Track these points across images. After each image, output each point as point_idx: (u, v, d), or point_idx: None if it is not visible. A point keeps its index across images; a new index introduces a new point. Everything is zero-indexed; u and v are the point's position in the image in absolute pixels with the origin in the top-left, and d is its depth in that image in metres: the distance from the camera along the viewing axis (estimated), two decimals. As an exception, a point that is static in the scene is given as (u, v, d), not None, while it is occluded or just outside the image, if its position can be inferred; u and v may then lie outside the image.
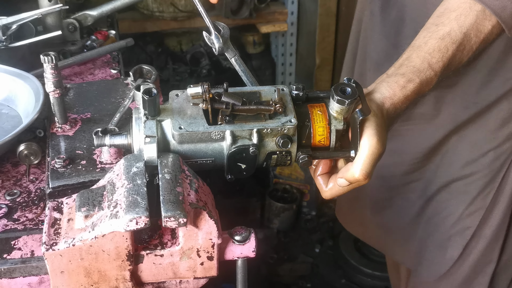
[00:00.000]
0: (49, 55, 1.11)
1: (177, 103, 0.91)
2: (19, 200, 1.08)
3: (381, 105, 0.98)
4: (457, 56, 1.07)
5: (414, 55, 1.05)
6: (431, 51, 1.05)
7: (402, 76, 1.01)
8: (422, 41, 1.07)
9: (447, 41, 1.05)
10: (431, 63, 1.04)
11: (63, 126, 1.18)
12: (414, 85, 1.01)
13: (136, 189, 0.80)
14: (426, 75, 1.03)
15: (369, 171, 0.92)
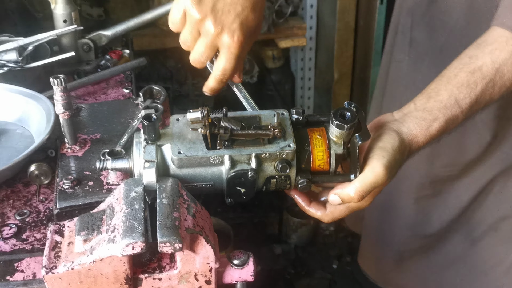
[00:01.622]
0: (59, 78, 1.13)
1: (177, 128, 0.93)
2: (28, 220, 1.10)
3: (407, 143, 0.98)
4: (487, 92, 1.03)
5: (442, 88, 1.03)
6: (459, 85, 1.02)
7: (429, 113, 1.00)
8: (453, 72, 1.04)
9: (477, 76, 1.02)
10: (458, 99, 1.01)
11: (73, 147, 1.21)
12: (439, 124, 1.00)
13: (133, 214, 0.81)
14: (452, 112, 1.00)
15: (364, 194, 0.93)
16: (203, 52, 1.06)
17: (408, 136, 0.98)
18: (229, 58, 1.05)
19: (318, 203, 1.02)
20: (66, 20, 1.56)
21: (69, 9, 1.57)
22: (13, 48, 1.45)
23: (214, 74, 1.09)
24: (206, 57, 1.07)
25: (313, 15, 2.94)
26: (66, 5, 1.56)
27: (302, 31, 2.96)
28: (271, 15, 2.78)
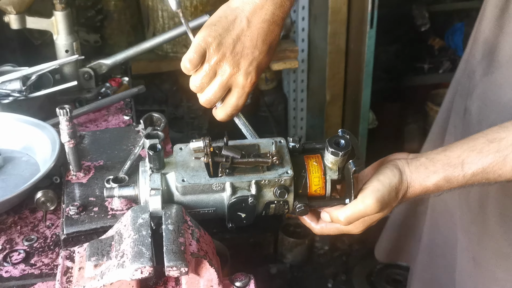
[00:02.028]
0: (64, 108, 1.18)
1: (181, 157, 0.98)
2: (36, 246, 1.15)
3: (405, 184, 1.00)
4: (496, 167, 0.98)
5: (458, 146, 1.01)
6: (472, 149, 0.99)
7: (432, 164, 1.00)
8: (477, 135, 1.02)
9: (492, 147, 0.98)
10: (465, 162, 0.99)
11: (77, 174, 1.26)
12: (437, 179, 0.99)
13: (141, 240, 0.86)
14: (453, 172, 0.99)
15: (352, 220, 0.99)
16: (217, 92, 1.09)
17: (407, 178, 1.00)
18: (242, 96, 1.12)
19: (313, 213, 1.06)
20: (68, 50, 1.62)
21: (71, 40, 1.62)
22: (17, 78, 1.50)
23: (225, 109, 1.13)
24: (219, 97, 1.11)
25: (304, 38, 3.01)
26: (68, 35, 1.62)
27: (294, 54, 3.02)
28: (264, 39, 2.85)
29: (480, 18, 1.38)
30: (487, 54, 1.32)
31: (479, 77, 1.34)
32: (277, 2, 1.08)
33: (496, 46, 1.29)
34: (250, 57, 1.07)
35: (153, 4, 2.72)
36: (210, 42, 1.05)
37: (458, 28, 3.35)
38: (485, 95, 1.31)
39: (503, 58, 1.27)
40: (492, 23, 1.29)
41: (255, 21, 1.07)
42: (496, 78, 1.29)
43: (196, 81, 1.09)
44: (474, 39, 1.41)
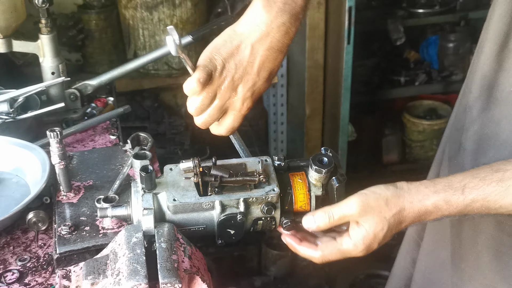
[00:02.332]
0: (55, 131, 1.22)
1: (171, 177, 1.02)
2: (29, 265, 1.18)
3: (401, 200, 1.00)
4: (497, 197, 0.97)
5: (462, 173, 1.01)
6: (475, 176, 0.99)
7: (434, 185, 1.00)
8: (482, 166, 1.01)
9: (496, 176, 0.98)
10: (466, 187, 0.98)
11: (68, 194, 1.29)
12: (437, 199, 0.99)
13: (136, 258, 0.90)
14: (453, 195, 0.98)
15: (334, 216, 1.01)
16: (214, 115, 1.11)
17: (405, 194, 1.00)
18: (237, 119, 1.13)
19: (309, 242, 1.07)
20: (54, 72, 1.65)
21: (57, 62, 1.66)
22: (4, 100, 1.53)
23: (220, 129, 1.15)
24: (215, 119, 1.12)
25: (283, 54, 3.07)
26: (54, 58, 1.65)
27: (273, 69, 3.08)
28: (244, 55, 2.90)
29: (477, 54, 1.35)
30: (485, 90, 1.29)
31: (476, 113, 1.31)
32: (283, 30, 1.08)
33: (494, 82, 1.27)
34: (250, 83, 1.08)
35: (134, 23, 2.76)
36: (215, 66, 1.06)
37: (432, 41, 3.45)
38: (483, 131, 1.28)
39: (501, 95, 1.25)
40: (491, 59, 1.27)
41: (260, 49, 1.07)
42: (494, 115, 1.26)
43: (196, 104, 1.09)
44: (471, 74, 1.38)
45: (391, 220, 1.01)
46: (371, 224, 1.01)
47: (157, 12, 2.72)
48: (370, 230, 1.01)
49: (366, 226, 1.01)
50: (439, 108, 3.57)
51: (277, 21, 1.07)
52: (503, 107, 1.25)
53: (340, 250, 1.04)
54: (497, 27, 1.24)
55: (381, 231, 1.01)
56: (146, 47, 2.80)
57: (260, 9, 1.07)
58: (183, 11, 2.75)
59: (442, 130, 3.41)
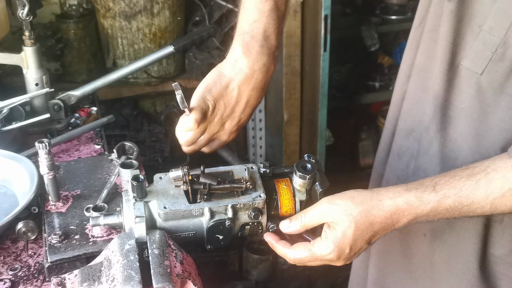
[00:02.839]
0: (43, 142, 1.24)
1: (161, 185, 1.06)
2: (20, 274, 1.20)
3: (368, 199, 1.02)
4: (468, 190, 0.99)
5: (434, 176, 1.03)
6: (446, 174, 1.01)
7: (405, 185, 1.02)
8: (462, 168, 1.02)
9: (466, 172, 0.99)
10: (437, 184, 1.00)
11: (57, 203, 1.31)
12: (408, 196, 1.00)
13: (130, 265, 0.93)
14: (424, 191, 1.00)
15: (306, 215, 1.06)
16: (202, 145, 1.28)
17: (375, 194, 1.02)
18: (222, 145, 1.31)
19: (286, 242, 1.11)
20: (38, 84, 1.67)
21: (40, 73, 1.68)
22: (-12, 112, 1.55)
23: (206, 151, 1.31)
24: (202, 147, 1.29)
25: (261, 61, 3.12)
26: (38, 69, 1.67)
27: (251, 76, 3.13)
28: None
29: (423, 77, 1.37)
30: (439, 110, 1.30)
31: (433, 133, 1.31)
32: (264, 70, 1.22)
33: (446, 101, 1.28)
34: (236, 120, 1.25)
35: (113, 32, 2.78)
36: (208, 106, 1.19)
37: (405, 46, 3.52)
38: (442, 151, 1.29)
39: (454, 113, 1.27)
40: (441, 78, 1.28)
41: (245, 90, 1.22)
42: (450, 133, 1.28)
43: (188, 137, 1.23)
44: (420, 99, 1.38)
45: (358, 217, 1.00)
46: (339, 223, 1.02)
47: (135, 21, 2.75)
48: (339, 229, 1.02)
49: (336, 226, 1.03)
50: (413, 112, 3.65)
51: (258, 63, 1.22)
52: (458, 125, 1.26)
53: (311, 251, 1.06)
54: (443, 45, 1.25)
55: (349, 229, 1.01)
56: (125, 56, 2.83)
57: (240, 55, 1.22)
58: (161, 20, 2.78)
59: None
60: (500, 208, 0.98)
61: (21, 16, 1.58)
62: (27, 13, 1.57)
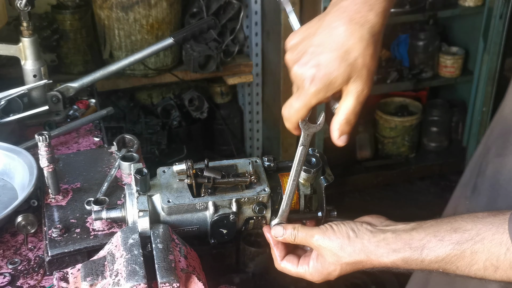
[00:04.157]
0: (43, 135, 1.23)
1: (165, 179, 1.04)
2: (20, 268, 1.18)
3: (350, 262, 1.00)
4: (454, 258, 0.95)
5: (427, 226, 0.98)
6: (436, 235, 0.96)
7: (395, 242, 0.98)
8: (447, 219, 0.98)
9: (454, 237, 0.94)
10: (425, 247, 0.96)
11: (56, 196, 1.30)
12: (395, 258, 0.98)
13: (134, 259, 0.92)
14: (412, 255, 0.97)
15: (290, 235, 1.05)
16: None
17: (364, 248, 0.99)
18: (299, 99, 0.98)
19: (283, 247, 1.08)
20: (36, 75, 1.65)
21: (38, 65, 1.66)
22: (-14, 104, 1.53)
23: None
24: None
25: (258, 53, 3.11)
26: (35, 61, 1.65)
27: (248, 68, 3.12)
28: (219, 55, 2.93)
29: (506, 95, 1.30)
30: (503, 134, 1.24)
31: (492, 156, 1.25)
32: None
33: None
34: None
35: (109, 23, 2.76)
36: None
37: (402, 39, 3.52)
38: (495, 177, 1.23)
39: None
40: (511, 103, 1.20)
41: None
42: (507, 162, 1.20)
43: None
44: (498, 114, 1.32)
45: (347, 268, 1.02)
46: (327, 263, 1.02)
47: (132, 12, 2.73)
48: (325, 267, 1.02)
49: (323, 262, 1.02)
50: (410, 105, 3.66)
51: None
52: None
53: (296, 271, 1.07)
54: None
55: (334, 272, 1.03)
56: (122, 47, 2.80)
57: None
58: (158, 11, 2.76)
59: (413, 126, 3.52)
60: (488, 279, 0.95)
61: (19, 6, 1.56)
62: (25, 3, 1.55)
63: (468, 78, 3.45)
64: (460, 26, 3.54)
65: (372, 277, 2.93)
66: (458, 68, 3.43)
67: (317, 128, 0.98)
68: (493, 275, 0.93)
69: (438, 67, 3.48)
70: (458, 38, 3.56)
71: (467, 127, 3.58)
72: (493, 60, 3.23)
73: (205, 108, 3.26)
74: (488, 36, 3.20)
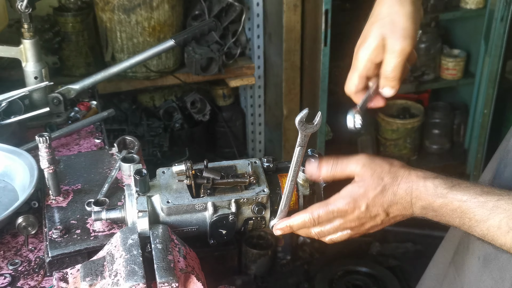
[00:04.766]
0: (44, 136, 1.23)
1: (164, 180, 1.05)
2: (21, 269, 1.19)
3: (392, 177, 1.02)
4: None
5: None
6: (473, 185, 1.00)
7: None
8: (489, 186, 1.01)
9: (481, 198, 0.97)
10: (456, 185, 1.00)
11: (57, 198, 1.30)
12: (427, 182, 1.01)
13: (133, 259, 0.92)
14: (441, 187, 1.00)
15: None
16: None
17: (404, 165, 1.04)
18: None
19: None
20: (37, 77, 1.66)
21: (39, 66, 1.66)
22: (-13, 106, 1.53)
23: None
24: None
25: (260, 55, 3.12)
26: (36, 62, 1.66)
27: (251, 71, 3.12)
28: (221, 57, 2.94)
29: None
30: None
31: (510, 158, 1.25)
32: None
33: None
34: None
35: (111, 26, 2.77)
36: None
37: (404, 41, 3.52)
38: None
39: None
40: None
41: None
42: None
43: None
44: None
45: (386, 182, 1.02)
46: (365, 180, 1.02)
47: (134, 15, 2.73)
48: (362, 185, 1.02)
49: (360, 183, 1.03)
50: (412, 107, 3.65)
51: None
52: None
53: (327, 203, 1.04)
54: None
55: (373, 191, 1.02)
56: (124, 49, 2.81)
57: None
58: (160, 14, 2.76)
59: (414, 128, 3.51)
60: (496, 240, 0.97)
61: (20, 8, 1.56)
62: (26, 5, 1.56)
63: (470, 81, 3.44)
64: (461, 29, 3.54)
65: (373, 278, 2.93)
66: (460, 70, 3.43)
67: (314, 128, 0.99)
68: (503, 235, 0.95)
69: (440, 69, 3.47)
70: (460, 41, 3.56)
71: (469, 129, 3.57)
72: (494, 62, 3.23)
73: (207, 110, 3.26)
74: (489, 38, 3.19)
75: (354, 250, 3.12)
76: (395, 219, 1.05)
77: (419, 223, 1.13)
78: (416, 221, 1.09)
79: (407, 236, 3.18)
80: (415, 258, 3.07)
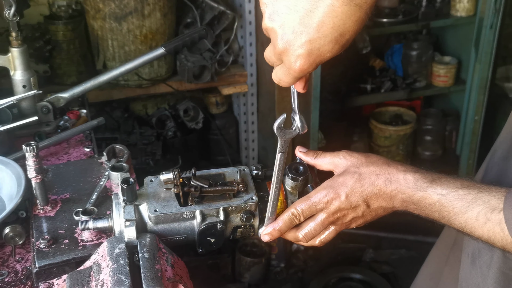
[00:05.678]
0: (31, 145, 1.22)
1: (152, 188, 1.04)
2: (7, 280, 1.17)
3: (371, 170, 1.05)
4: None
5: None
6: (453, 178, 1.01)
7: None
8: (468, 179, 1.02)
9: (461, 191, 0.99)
10: (436, 180, 1.02)
11: (45, 207, 1.29)
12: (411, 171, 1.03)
13: (120, 269, 0.91)
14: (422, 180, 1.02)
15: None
16: (269, 58, 1.01)
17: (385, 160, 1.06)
18: (287, 75, 0.98)
19: None
20: (26, 86, 1.65)
21: (28, 75, 1.65)
22: (-25, 114, 1.52)
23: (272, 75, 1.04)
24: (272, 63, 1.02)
25: (253, 63, 3.11)
26: (25, 71, 1.65)
27: (243, 78, 3.12)
28: (214, 65, 2.93)
29: None
30: (510, 137, 1.24)
31: (497, 158, 1.27)
32: None
33: None
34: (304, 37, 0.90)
35: (103, 34, 2.76)
36: None
37: (396, 49, 3.53)
38: (500, 180, 1.22)
39: None
40: None
41: None
42: None
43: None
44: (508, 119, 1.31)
45: (363, 171, 1.04)
46: (344, 172, 1.06)
47: (126, 23, 2.72)
48: (341, 176, 1.05)
49: (338, 172, 1.07)
50: (404, 114, 3.66)
51: None
52: None
53: (308, 197, 1.04)
54: None
55: (351, 179, 1.04)
56: (116, 57, 2.80)
57: None
58: (152, 22, 2.76)
59: (407, 135, 3.52)
60: (474, 232, 0.98)
61: (7, 16, 1.55)
62: (13, 13, 1.55)
63: (461, 87, 3.45)
64: (452, 36, 3.55)
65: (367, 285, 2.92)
66: (451, 77, 3.44)
67: (293, 133, 0.98)
68: (481, 227, 0.96)
69: (432, 76, 3.48)
70: (451, 48, 3.57)
71: (460, 136, 3.58)
72: (485, 69, 3.24)
73: (200, 118, 3.26)
74: (480, 45, 3.21)
75: (348, 257, 3.11)
76: (377, 212, 1.06)
77: (413, 229, 1.13)
78: (410, 227, 1.09)
79: (401, 242, 3.17)
80: (409, 264, 3.06)
